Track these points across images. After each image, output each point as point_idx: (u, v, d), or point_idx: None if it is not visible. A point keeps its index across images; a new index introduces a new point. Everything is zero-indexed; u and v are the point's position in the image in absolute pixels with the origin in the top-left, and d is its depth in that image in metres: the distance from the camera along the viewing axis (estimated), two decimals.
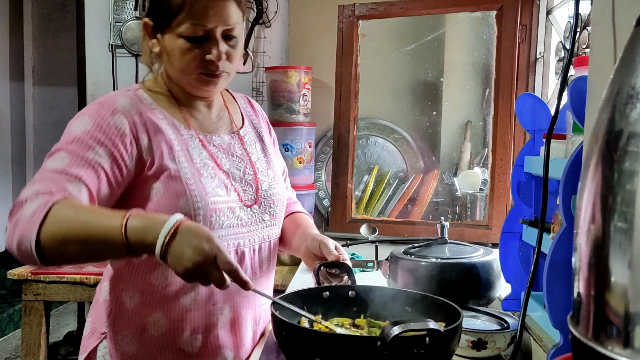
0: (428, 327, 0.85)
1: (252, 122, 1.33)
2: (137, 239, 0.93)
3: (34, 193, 0.97)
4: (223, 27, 1.11)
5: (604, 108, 0.49)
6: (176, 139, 1.14)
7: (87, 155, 1.04)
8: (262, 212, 1.23)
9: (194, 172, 1.13)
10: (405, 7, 2.40)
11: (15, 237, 0.95)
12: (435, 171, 2.64)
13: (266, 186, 1.25)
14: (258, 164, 1.26)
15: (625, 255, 0.45)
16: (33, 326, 2.33)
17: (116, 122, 1.09)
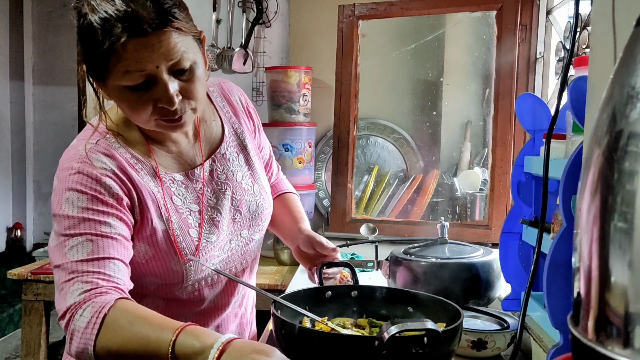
0: (426, 327, 0.85)
1: (232, 126, 1.21)
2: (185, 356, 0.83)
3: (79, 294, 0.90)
4: (167, 63, 0.93)
5: (604, 108, 0.49)
6: (159, 192, 1.05)
7: (103, 231, 0.96)
8: (252, 232, 1.20)
9: (182, 225, 1.06)
10: (405, 7, 2.40)
11: (73, 349, 0.90)
12: (435, 171, 2.64)
13: (254, 206, 1.19)
14: (244, 182, 1.18)
15: (625, 255, 0.45)
16: (33, 326, 2.33)
17: (106, 187, 0.99)
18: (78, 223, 0.96)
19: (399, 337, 0.84)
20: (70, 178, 0.99)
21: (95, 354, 0.87)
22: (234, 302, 1.25)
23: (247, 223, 1.18)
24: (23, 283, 2.33)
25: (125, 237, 0.99)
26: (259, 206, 1.20)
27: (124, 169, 1.02)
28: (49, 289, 2.32)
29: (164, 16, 0.91)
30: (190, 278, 1.08)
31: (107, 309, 0.88)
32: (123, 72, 0.92)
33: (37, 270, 2.35)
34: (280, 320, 0.99)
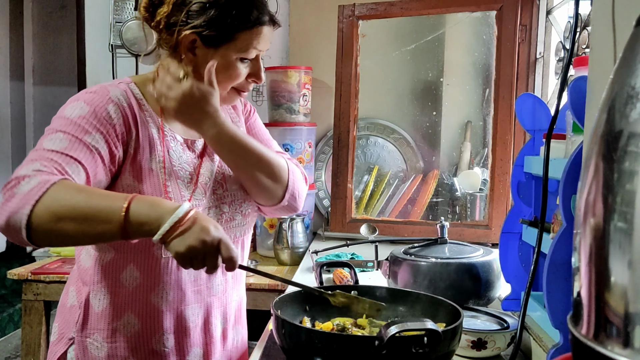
0: (425, 327, 0.86)
1: (229, 116, 1.31)
2: (138, 222, 0.93)
3: (34, 170, 0.95)
4: (264, 50, 1.17)
5: (604, 108, 0.49)
6: (158, 139, 1.15)
7: (85, 138, 1.03)
8: (233, 211, 1.23)
9: (172, 173, 1.15)
10: (405, 7, 2.40)
11: (5, 210, 0.91)
12: (435, 171, 2.64)
13: (236, 186, 1.24)
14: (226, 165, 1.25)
15: (625, 255, 0.45)
16: (33, 326, 2.33)
17: (109, 111, 1.08)
18: (68, 124, 1.04)
19: (399, 337, 0.84)
20: (83, 94, 1.10)
21: (30, 216, 0.90)
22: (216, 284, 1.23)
23: (228, 199, 1.23)
24: (23, 283, 2.33)
25: (101, 155, 1.05)
26: (241, 188, 1.25)
27: (132, 106, 1.12)
28: (49, 289, 2.32)
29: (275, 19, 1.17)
30: None
31: (56, 179, 0.94)
32: (250, 46, 1.13)
33: (37, 270, 2.35)
34: (280, 320, 0.99)
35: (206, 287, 1.21)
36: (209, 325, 1.23)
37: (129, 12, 3.03)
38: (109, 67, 3.08)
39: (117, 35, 3.01)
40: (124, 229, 0.93)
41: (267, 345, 1.22)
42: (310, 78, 2.67)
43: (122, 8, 3.03)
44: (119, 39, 3.01)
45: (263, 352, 1.19)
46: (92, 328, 1.15)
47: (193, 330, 1.20)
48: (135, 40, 3.01)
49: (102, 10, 3.06)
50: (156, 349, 1.16)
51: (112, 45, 3.05)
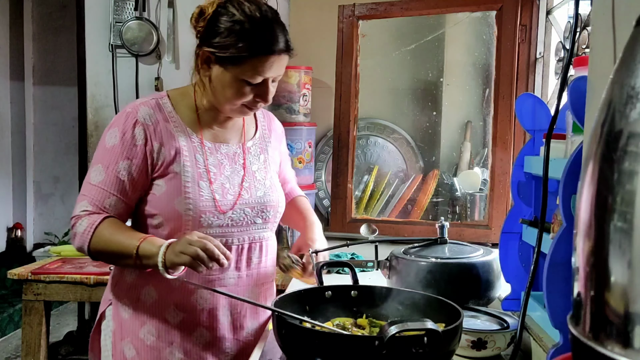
0: (425, 327, 0.86)
1: (263, 135, 1.47)
2: (145, 256, 1.22)
3: (82, 211, 1.29)
4: (277, 76, 1.29)
5: (604, 108, 0.49)
6: (186, 145, 1.32)
7: (115, 169, 1.29)
8: (254, 215, 1.36)
9: (195, 175, 1.30)
10: (405, 7, 2.40)
11: (75, 244, 1.31)
12: (435, 171, 2.64)
13: (261, 193, 1.38)
14: (257, 174, 1.40)
15: (625, 255, 0.45)
16: (33, 326, 2.33)
17: (135, 135, 1.29)
18: (105, 155, 1.30)
19: (399, 337, 0.84)
20: (119, 117, 1.32)
21: (89, 250, 1.28)
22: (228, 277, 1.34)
23: (251, 204, 1.36)
24: (23, 283, 2.33)
25: (131, 178, 1.29)
26: (265, 194, 1.39)
27: (159, 122, 1.31)
28: (49, 289, 2.32)
29: (289, 47, 1.27)
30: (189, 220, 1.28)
31: (98, 222, 1.27)
32: (253, 71, 1.24)
33: (38, 270, 2.35)
34: (280, 320, 0.99)
35: (217, 277, 1.33)
36: (215, 311, 1.34)
37: (129, 12, 3.03)
38: (109, 67, 3.08)
39: (117, 35, 3.01)
40: (139, 263, 1.23)
41: (267, 345, 1.22)
42: (310, 78, 2.67)
43: (122, 8, 3.03)
44: (119, 39, 3.00)
45: (263, 352, 1.19)
46: (123, 294, 1.37)
47: (200, 313, 1.33)
48: (135, 40, 3.01)
49: (102, 10, 3.06)
50: (168, 320, 1.33)
51: (112, 45, 3.05)
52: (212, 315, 1.34)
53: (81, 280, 2.29)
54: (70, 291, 2.33)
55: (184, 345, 1.33)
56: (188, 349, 1.33)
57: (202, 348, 1.34)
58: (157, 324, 1.33)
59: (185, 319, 1.33)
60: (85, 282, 2.29)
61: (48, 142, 5.18)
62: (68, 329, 3.99)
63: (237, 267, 1.35)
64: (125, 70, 3.08)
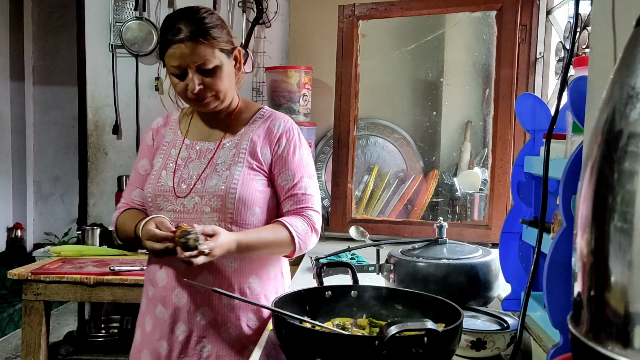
0: (425, 327, 0.85)
1: (246, 132, 1.48)
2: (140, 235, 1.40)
3: (118, 206, 1.58)
4: (195, 64, 1.36)
5: (604, 108, 0.49)
6: (169, 143, 1.53)
7: (138, 166, 1.56)
8: (203, 204, 1.42)
9: (161, 166, 1.49)
10: (405, 7, 2.40)
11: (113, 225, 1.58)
12: (435, 171, 2.64)
13: (213, 183, 1.42)
14: (219, 166, 1.45)
15: (625, 255, 0.45)
16: (33, 326, 2.33)
17: (147, 137, 1.58)
18: (137, 157, 1.60)
19: (399, 337, 0.84)
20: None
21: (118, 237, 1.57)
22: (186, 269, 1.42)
23: (202, 193, 1.43)
24: (23, 283, 2.33)
25: (148, 172, 1.53)
26: (217, 183, 1.42)
27: (160, 127, 1.57)
28: (49, 289, 2.32)
29: (197, 34, 1.34)
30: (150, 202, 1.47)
31: (118, 214, 1.54)
32: (170, 65, 1.38)
33: (37, 270, 2.35)
34: (280, 320, 0.99)
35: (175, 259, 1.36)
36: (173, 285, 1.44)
37: (129, 12, 3.03)
38: (109, 67, 3.08)
39: (117, 35, 3.01)
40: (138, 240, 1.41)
41: (267, 345, 1.22)
42: (310, 78, 2.67)
43: (122, 8, 3.03)
44: (119, 39, 3.00)
45: (263, 352, 1.19)
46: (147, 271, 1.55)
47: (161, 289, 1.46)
48: (135, 40, 3.01)
49: (102, 10, 3.06)
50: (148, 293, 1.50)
51: (112, 45, 3.05)
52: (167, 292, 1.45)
53: (81, 280, 2.29)
54: (70, 291, 2.33)
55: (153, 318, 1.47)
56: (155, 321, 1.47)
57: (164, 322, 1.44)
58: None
59: (153, 295, 1.48)
60: (85, 282, 2.29)
61: (48, 142, 5.18)
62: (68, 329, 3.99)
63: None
64: (125, 70, 3.09)
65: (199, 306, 1.42)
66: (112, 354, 2.69)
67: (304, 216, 1.47)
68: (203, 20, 1.36)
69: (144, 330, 1.50)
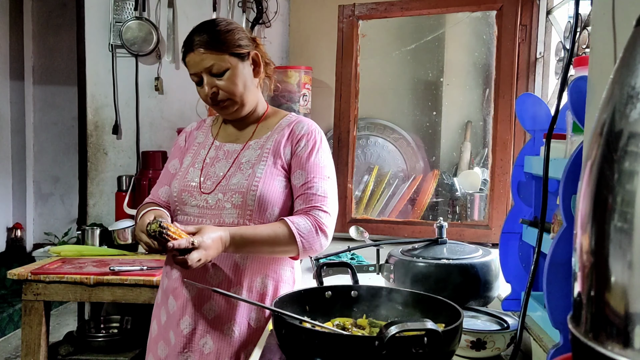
0: (425, 327, 0.85)
1: (271, 136, 1.53)
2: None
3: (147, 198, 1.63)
4: (206, 70, 1.44)
5: (604, 108, 0.49)
6: (200, 144, 1.60)
7: (168, 166, 1.63)
8: (225, 200, 1.45)
9: (190, 164, 1.55)
10: (405, 7, 2.40)
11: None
12: (435, 171, 2.64)
13: (236, 180, 1.45)
14: (244, 165, 1.48)
15: (625, 255, 0.45)
16: (33, 326, 2.33)
17: (180, 139, 1.67)
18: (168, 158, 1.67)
19: (399, 337, 0.84)
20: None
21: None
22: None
23: (224, 190, 1.46)
24: (23, 283, 2.33)
25: (175, 172, 1.58)
26: (239, 181, 1.46)
27: (193, 130, 1.66)
28: (49, 289, 2.32)
29: (208, 40, 1.43)
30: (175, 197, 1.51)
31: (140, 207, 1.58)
32: (190, 73, 1.49)
33: (37, 270, 2.35)
34: (280, 320, 0.99)
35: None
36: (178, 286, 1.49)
37: (129, 12, 3.03)
38: (109, 67, 3.08)
39: (117, 35, 3.01)
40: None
41: (267, 345, 1.22)
42: (310, 78, 2.67)
43: (122, 8, 3.03)
44: (119, 39, 3.00)
45: (263, 352, 1.19)
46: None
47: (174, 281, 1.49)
48: (135, 40, 3.01)
49: (102, 10, 3.06)
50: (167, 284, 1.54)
51: (112, 45, 3.05)
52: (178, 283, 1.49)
53: (81, 280, 2.29)
54: (70, 291, 2.33)
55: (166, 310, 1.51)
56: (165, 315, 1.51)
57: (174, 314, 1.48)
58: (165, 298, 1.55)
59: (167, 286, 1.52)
60: (85, 282, 2.29)
61: (48, 142, 5.18)
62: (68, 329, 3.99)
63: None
64: (125, 70, 3.09)
65: (206, 300, 1.45)
66: (112, 354, 2.69)
67: (310, 215, 1.41)
68: (215, 28, 1.45)
69: (159, 322, 1.53)
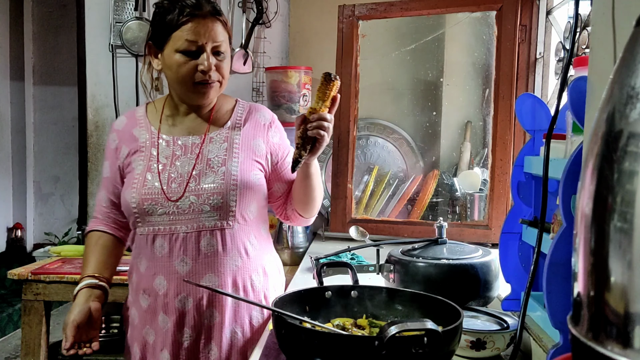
0: (425, 327, 0.85)
1: (234, 125, 1.48)
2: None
3: (92, 216, 1.55)
4: (212, 43, 1.35)
5: (604, 108, 0.49)
6: (146, 142, 1.45)
7: (103, 171, 1.52)
8: (201, 203, 1.38)
9: (144, 168, 1.42)
10: (405, 7, 2.40)
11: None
12: (435, 171, 2.64)
13: (209, 180, 1.40)
14: (213, 162, 1.42)
15: (625, 255, 0.45)
16: (33, 326, 2.33)
17: (110, 140, 1.51)
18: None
19: (399, 337, 0.84)
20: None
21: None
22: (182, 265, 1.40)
23: (198, 192, 1.39)
24: (23, 283, 2.33)
25: (113, 176, 1.48)
26: (215, 181, 1.40)
27: (127, 127, 1.49)
28: (49, 289, 2.32)
29: (217, 12, 1.37)
30: (135, 208, 1.40)
31: (89, 230, 1.52)
32: (184, 40, 1.33)
33: (37, 270, 2.35)
34: (280, 320, 0.99)
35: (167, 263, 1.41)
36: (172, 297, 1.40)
37: (129, 12, 3.03)
38: (109, 67, 3.08)
39: (117, 35, 3.01)
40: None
41: (267, 345, 1.22)
42: (310, 78, 2.67)
43: (122, 8, 3.03)
44: (119, 39, 3.00)
45: (263, 352, 1.19)
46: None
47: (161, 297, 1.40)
48: (135, 40, 3.01)
49: (102, 10, 3.06)
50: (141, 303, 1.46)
51: (112, 45, 3.05)
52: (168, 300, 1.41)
53: None
54: (70, 291, 2.31)
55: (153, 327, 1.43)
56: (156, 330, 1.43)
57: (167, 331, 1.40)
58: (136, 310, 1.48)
59: (151, 304, 1.42)
60: None
61: (48, 142, 5.18)
62: None
63: (188, 255, 1.39)
64: (125, 70, 3.08)
65: (207, 307, 1.39)
66: (112, 354, 2.69)
67: None
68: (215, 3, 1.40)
69: (143, 346, 1.44)
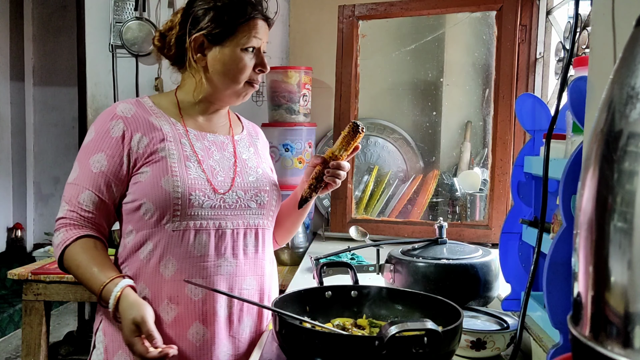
0: (425, 327, 0.85)
1: (250, 134, 1.50)
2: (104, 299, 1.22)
3: (59, 223, 1.29)
4: (264, 45, 1.36)
5: (604, 108, 0.49)
6: (170, 132, 1.32)
7: (89, 163, 1.28)
8: (248, 198, 1.35)
9: (181, 157, 1.30)
10: (405, 7, 2.40)
11: (55, 253, 1.31)
12: (435, 171, 2.64)
13: (253, 178, 1.38)
14: (249, 162, 1.41)
15: (625, 255, 0.45)
16: (33, 326, 2.33)
17: (111, 127, 1.29)
18: (81, 152, 1.31)
19: (399, 337, 0.84)
20: (97, 118, 1.34)
21: (60, 265, 1.29)
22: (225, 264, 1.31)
23: (245, 187, 1.36)
24: (23, 283, 2.33)
25: (105, 172, 1.27)
26: (258, 180, 1.39)
27: (139, 114, 1.32)
28: (49, 289, 2.32)
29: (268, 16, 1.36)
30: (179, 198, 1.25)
31: (68, 242, 1.26)
32: (248, 37, 1.30)
33: (38, 270, 2.35)
34: (280, 320, 0.99)
35: (214, 264, 1.29)
36: (212, 302, 1.28)
37: (129, 12, 3.03)
38: (109, 67, 3.08)
39: (117, 35, 3.01)
40: (99, 299, 1.24)
41: (267, 345, 1.22)
42: (310, 78, 2.67)
43: (122, 8, 3.03)
44: (119, 39, 3.00)
45: (263, 352, 1.19)
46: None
47: (195, 304, 1.27)
48: (135, 40, 3.01)
49: (102, 10, 3.06)
50: (162, 316, 1.26)
51: (112, 45, 3.05)
52: (207, 306, 1.27)
53: None
54: (70, 291, 2.33)
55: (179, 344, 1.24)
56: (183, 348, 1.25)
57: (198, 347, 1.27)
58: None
59: (180, 314, 1.26)
60: None
61: (48, 142, 5.18)
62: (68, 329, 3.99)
63: (234, 254, 1.31)
64: (125, 71, 3.09)
65: (241, 311, 1.31)
66: None
67: None
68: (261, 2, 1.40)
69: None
